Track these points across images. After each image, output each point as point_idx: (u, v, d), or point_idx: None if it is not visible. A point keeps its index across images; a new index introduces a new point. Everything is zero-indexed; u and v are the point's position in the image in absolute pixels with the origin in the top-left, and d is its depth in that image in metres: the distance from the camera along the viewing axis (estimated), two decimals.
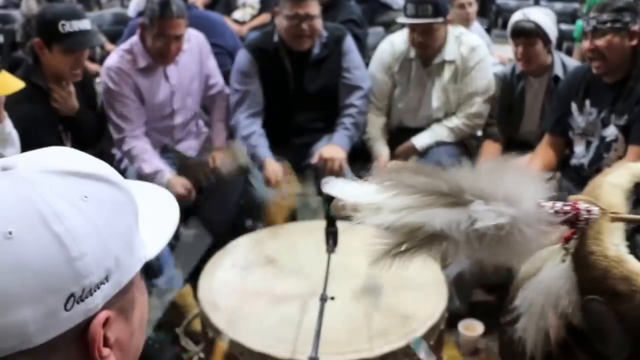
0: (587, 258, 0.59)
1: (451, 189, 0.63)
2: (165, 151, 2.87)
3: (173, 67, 2.75)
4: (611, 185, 0.63)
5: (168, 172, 2.64)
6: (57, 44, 2.28)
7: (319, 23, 2.77)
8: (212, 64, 2.94)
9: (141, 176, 2.64)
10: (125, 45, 2.71)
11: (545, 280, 0.63)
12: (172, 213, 0.74)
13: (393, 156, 2.94)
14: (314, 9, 2.72)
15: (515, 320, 0.68)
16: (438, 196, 0.63)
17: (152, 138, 2.77)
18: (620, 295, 0.55)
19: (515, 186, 0.63)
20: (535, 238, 0.61)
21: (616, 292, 0.56)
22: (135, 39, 2.67)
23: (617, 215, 0.60)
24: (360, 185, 0.69)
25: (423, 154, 2.88)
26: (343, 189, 0.70)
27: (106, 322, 0.61)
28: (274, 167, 2.72)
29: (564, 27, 5.25)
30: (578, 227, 0.62)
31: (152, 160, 2.66)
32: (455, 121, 2.88)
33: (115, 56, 2.68)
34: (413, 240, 0.62)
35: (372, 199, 0.66)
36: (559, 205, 0.63)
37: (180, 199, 2.56)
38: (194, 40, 2.83)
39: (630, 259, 0.56)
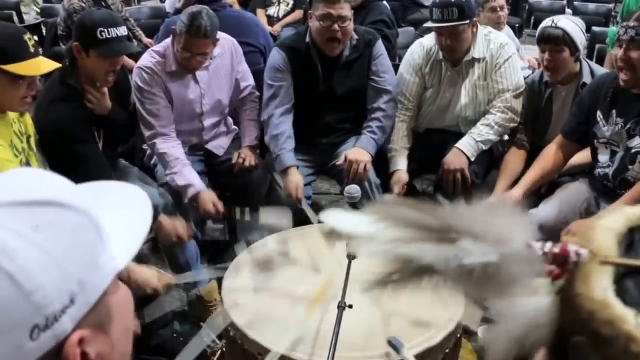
0: (574, 300, 0.60)
1: (442, 225, 0.66)
2: (193, 149, 2.94)
3: (204, 71, 2.80)
4: (604, 229, 0.63)
5: (199, 186, 2.68)
6: (94, 49, 2.35)
7: (350, 26, 2.80)
8: (243, 68, 2.98)
9: (170, 185, 2.72)
10: (158, 47, 2.78)
11: (527, 307, 0.66)
12: (144, 214, 0.72)
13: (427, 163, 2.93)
14: (347, 11, 2.75)
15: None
16: (429, 231, 0.66)
17: (181, 138, 2.83)
18: (604, 339, 0.56)
19: (506, 226, 0.65)
20: (522, 277, 0.63)
21: (600, 336, 0.57)
22: (168, 41, 2.74)
23: (606, 259, 0.60)
24: (357, 216, 0.73)
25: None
26: (340, 219, 0.74)
27: (82, 341, 0.61)
28: (296, 179, 2.76)
29: (596, 29, 5.16)
30: (567, 268, 0.63)
31: (184, 173, 2.69)
32: (491, 117, 2.85)
33: (148, 57, 2.76)
34: (405, 271, 0.66)
35: (366, 229, 0.69)
36: (548, 246, 0.64)
37: (208, 215, 2.65)
38: (226, 45, 2.88)
39: (616, 304, 0.57)
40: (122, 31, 2.39)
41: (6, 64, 1.92)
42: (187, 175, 2.69)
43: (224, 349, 2.38)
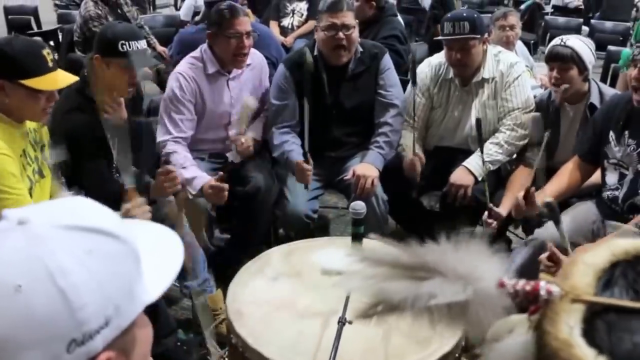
0: (542, 336, 0.62)
1: (415, 263, 0.69)
2: (213, 156, 3.01)
3: (235, 81, 2.91)
4: (584, 265, 0.64)
5: (205, 177, 2.73)
6: (115, 61, 2.39)
7: (355, 34, 2.85)
8: (268, 85, 3.08)
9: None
10: (195, 53, 2.90)
11: (508, 347, 0.68)
12: (176, 255, 0.80)
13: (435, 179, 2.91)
14: (350, 19, 2.82)
15: None
16: (401, 269, 0.70)
17: (205, 146, 2.93)
18: None
19: (477, 264, 0.67)
20: (490, 315, 0.66)
21: None
22: (204, 46, 2.87)
23: (578, 297, 0.61)
24: (344, 255, 0.77)
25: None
26: (330, 257, 0.78)
27: None
28: (305, 165, 2.77)
29: (612, 48, 5.09)
30: (539, 305, 0.65)
31: (190, 168, 2.76)
32: (501, 135, 2.84)
33: (185, 63, 2.88)
34: (383, 304, 0.69)
35: (351, 267, 0.73)
36: (520, 283, 0.66)
37: (212, 200, 2.67)
38: (256, 59, 3.01)
39: (579, 344, 0.58)
40: (143, 44, 2.45)
41: (25, 78, 1.96)
42: (193, 170, 2.76)
43: (225, 358, 2.41)
